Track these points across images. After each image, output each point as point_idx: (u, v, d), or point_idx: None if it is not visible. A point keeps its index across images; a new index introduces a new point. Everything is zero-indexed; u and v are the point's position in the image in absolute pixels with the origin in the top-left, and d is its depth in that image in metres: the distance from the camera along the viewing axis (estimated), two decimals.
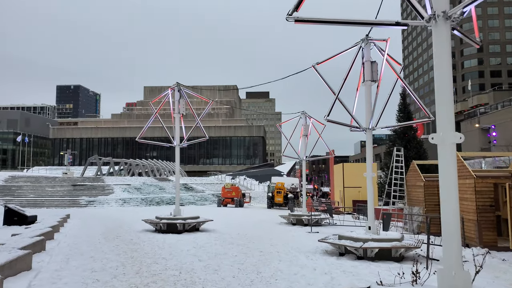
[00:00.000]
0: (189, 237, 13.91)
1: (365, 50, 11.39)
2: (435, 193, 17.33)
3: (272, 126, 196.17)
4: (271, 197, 36.28)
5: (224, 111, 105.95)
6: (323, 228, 18.60)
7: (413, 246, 9.84)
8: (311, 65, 11.65)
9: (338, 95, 10.86)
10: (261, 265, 9.10)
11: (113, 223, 19.03)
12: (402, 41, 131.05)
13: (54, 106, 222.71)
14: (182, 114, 16.51)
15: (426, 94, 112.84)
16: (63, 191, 37.76)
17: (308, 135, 21.01)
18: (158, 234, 14.81)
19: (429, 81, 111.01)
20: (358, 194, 41.68)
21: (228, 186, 37.13)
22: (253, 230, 17.00)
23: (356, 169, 44.28)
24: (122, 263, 8.97)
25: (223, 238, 13.66)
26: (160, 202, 37.04)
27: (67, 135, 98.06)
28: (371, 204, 11.26)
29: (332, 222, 21.28)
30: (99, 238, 13.32)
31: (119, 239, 13.15)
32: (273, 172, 63.79)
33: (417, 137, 28.00)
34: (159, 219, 15.61)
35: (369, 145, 11.32)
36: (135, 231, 15.81)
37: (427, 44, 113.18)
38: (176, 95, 16.49)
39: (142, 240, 12.89)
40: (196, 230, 15.81)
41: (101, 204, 34.32)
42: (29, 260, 7.54)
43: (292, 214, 21.12)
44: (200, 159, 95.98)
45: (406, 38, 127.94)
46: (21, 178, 42.45)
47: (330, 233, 16.93)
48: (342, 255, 10.54)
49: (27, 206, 32.26)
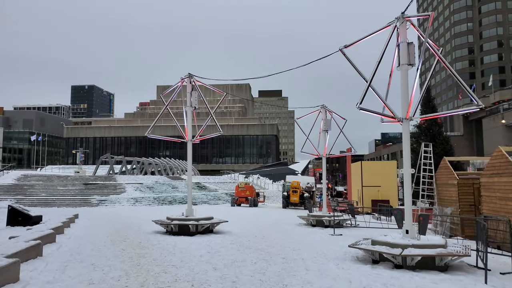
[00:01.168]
0: (202, 240, 12.73)
1: (401, 29, 10.05)
2: (470, 192, 15.84)
3: (285, 125, 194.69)
4: (286, 197, 34.95)
5: (236, 110, 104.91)
6: (345, 230, 17.25)
7: (462, 254, 8.46)
8: (338, 49, 10.32)
9: (371, 82, 9.54)
10: (285, 275, 7.84)
11: (123, 224, 18.01)
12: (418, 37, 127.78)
13: (69, 106, 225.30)
14: (194, 108, 15.34)
15: (443, 91, 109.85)
16: (74, 190, 37.10)
17: (329, 130, 19.60)
18: (169, 236, 13.66)
19: (446, 78, 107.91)
20: (377, 193, 40.10)
21: (242, 185, 35.94)
22: (271, 232, 15.75)
23: (375, 168, 42.67)
24: (126, 272, 7.82)
25: (239, 242, 12.44)
26: (172, 201, 36.08)
27: (80, 135, 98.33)
28: (409, 204, 9.89)
29: (354, 224, 19.89)
30: (105, 241, 12.23)
31: (126, 242, 12.04)
32: (287, 171, 62.43)
33: (442, 133, 26.30)
34: (170, 220, 14.47)
35: (406, 138, 9.94)
36: (144, 232, 14.71)
37: (444, 40, 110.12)
38: (188, 87, 15.34)
39: (151, 244, 11.76)
40: (209, 232, 14.62)
41: (113, 203, 33.51)
42: (16, 270, 6.43)
43: (311, 214, 19.76)
44: (213, 158, 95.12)
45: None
46: (33, 177, 42.00)
47: (354, 235, 15.59)
48: (376, 263, 9.23)
49: (38, 205, 31.65)
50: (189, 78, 15.29)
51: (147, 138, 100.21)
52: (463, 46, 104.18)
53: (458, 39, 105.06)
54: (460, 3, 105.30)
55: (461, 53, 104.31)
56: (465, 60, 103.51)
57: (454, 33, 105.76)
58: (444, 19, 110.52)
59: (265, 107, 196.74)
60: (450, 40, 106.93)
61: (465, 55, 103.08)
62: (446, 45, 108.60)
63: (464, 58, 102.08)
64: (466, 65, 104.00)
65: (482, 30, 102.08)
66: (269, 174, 61.09)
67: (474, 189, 15.59)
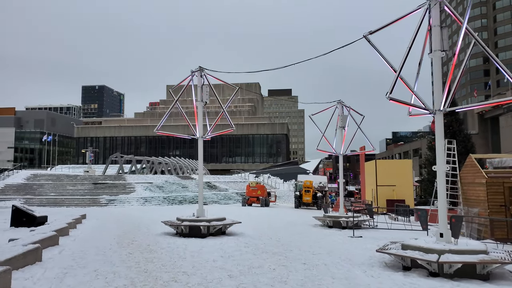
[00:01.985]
0: (214, 242, 11.92)
1: (433, 12, 9.12)
2: (500, 192, 14.78)
3: (295, 124, 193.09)
4: (298, 196, 34.02)
5: (246, 109, 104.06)
6: (364, 232, 16.30)
7: (508, 261, 7.50)
8: (362, 35, 9.35)
9: (400, 72, 8.61)
10: (310, 284, 6.98)
11: (131, 225, 17.32)
12: None
13: (80, 106, 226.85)
14: (205, 103, 14.54)
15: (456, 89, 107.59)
16: (83, 190, 36.67)
17: (346, 127, 18.66)
18: (179, 238, 12.89)
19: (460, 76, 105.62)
20: (392, 193, 38.90)
21: (253, 184, 35.11)
22: (287, 234, 14.90)
23: (390, 166, 41.44)
24: (132, 280, 7.03)
25: (254, 245, 11.60)
26: (182, 201, 35.43)
27: (91, 134, 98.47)
28: (443, 203, 8.93)
29: (372, 225, 18.92)
30: (111, 244, 11.51)
31: (134, 245, 11.30)
32: (299, 170, 61.38)
33: (463, 130, 25.06)
34: (181, 220, 13.70)
35: (440, 131, 9.01)
36: (153, 234, 13.97)
37: (457, 36, 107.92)
38: (199, 81, 14.55)
39: (160, 247, 10.98)
40: (222, 234, 13.81)
41: (122, 203, 32.96)
42: (6, 280, 5.68)
43: (328, 215, 18.83)
44: (223, 157, 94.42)
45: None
46: (42, 176, 41.72)
47: (374, 237, 14.65)
48: (408, 270, 8.31)
49: (47, 205, 31.25)
50: (200, 72, 14.52)
51: (157, 137, 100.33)
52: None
53: None
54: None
55: (476, 50, 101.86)
56: (480, 57, 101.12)
57: None
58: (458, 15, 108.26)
59: (275, 106, 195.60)
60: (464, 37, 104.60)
61: (479, 51, 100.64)
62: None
63: (479, 55, 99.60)
64: (480, 62, 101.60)
65: (497, 27, 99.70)
66: (280, 173, 60.13)
67: (505, 188, 14.54)
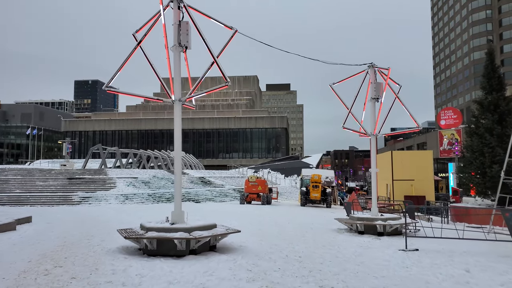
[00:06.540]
0: (195, 269, 7.00)
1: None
2: None
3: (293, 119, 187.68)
4: (305, 193, 29.16)
5: (244, 102, 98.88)
6: (413, 240, 11.40)
7: None
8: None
9: None
10: None
11: (84, 232, 12.32)
12: (432, 27, 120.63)
13: (72, 101, 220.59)
14: (185, 48, 9.56)
15: (459, 82, 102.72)
16: (56, 186, 31.54)
17: (381, 98, 13.62)
18: (139, 259, 7.94)
19: (463, 69, 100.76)
20: (410, 188, 34.19)
21: (252, 179, 30.16)
22: (307, 246, 10.00)
23: (408, 158, 36.61)
24: None
25: (263, 273, 6.68)
26: (170, 198, 30.43)
27: (79, 128, 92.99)
28: None
29: (415, 229, 14.04)
30: (25, 269, 6.56)
31: (56, 272, 6.35)
32: (301, 164, 56.50)
33: None
34: (145, 229, 8.72)
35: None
36: (104, 250, 9.01)
37: (460, 28, 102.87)
38: (174, 17, 9.56)
39: (97, 281, 6.04)
40: (211, 250, 8.87)
41: (98, 201, 27.92)
42: None
43: (357, 217, 13.75)
44: (219, 152, 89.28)
45: (437, 24, 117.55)
46: (11, 170, 36.52)
47: (437, 251, 9.84)
48: None
49: (7, 203, 26.22)
50: (177, 2, 9.52)
51: (150, 131, 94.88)
52: (481, 34, 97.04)
53: (477, 27, 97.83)
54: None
55: (479, 42, 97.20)
56: (484, 49, 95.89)
57: (472, 21, 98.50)
58: (461, 7, 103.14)
59: (273, 101, 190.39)
60: (467, 29, 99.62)
61: (483, 43, 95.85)
62: (463, 34, 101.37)
63: (483, 47, 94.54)
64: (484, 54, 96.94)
65: (501, 18, 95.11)
66: (281, 168, 55.25)
67: None
